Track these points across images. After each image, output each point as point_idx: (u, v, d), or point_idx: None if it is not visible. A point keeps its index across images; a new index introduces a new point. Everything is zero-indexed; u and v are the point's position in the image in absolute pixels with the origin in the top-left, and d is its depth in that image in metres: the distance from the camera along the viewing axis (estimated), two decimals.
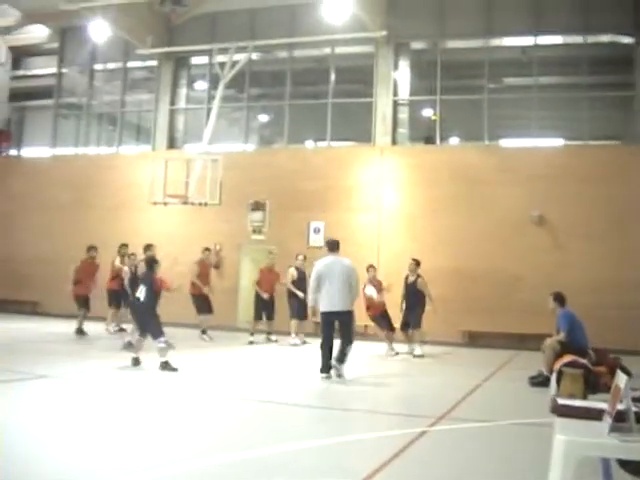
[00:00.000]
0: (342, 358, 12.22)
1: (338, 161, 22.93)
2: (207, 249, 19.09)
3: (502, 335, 20.34)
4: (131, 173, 24.91)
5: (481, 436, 8.32)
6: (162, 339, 12.34)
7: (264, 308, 19.08)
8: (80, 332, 17.80)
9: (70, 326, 18.29)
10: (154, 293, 12.79)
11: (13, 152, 29.34)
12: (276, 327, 19.20)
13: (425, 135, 23.58)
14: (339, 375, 12.11)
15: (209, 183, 19.62)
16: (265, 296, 18.79)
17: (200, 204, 20.08)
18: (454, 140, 24.38)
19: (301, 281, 18.24)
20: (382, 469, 6.33)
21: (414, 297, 16.89)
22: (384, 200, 22.21)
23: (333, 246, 12.77)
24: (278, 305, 19.29)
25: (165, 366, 12.21)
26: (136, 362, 12.65)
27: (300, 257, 19.03)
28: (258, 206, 22.44)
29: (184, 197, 20.33)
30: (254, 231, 22.75)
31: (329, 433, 7.93)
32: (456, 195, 21.40)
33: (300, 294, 18.00)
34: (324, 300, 12.11)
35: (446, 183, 21.57)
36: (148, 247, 17.04)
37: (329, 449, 7.15)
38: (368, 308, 16.87)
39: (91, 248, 18.77)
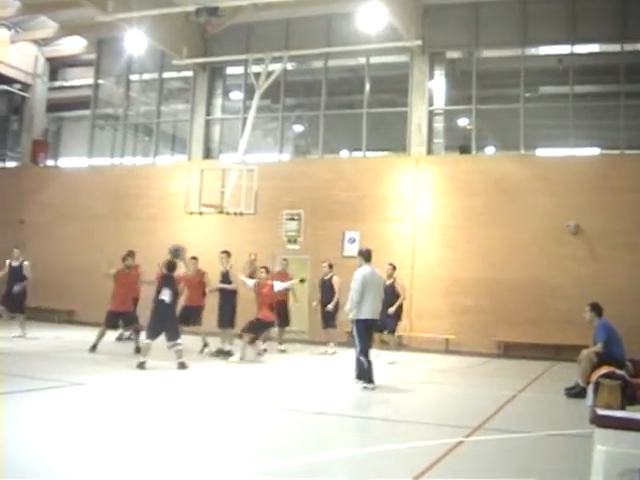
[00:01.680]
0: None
1: (373, 171, 23.11)
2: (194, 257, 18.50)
3: (537, 346, 20.44)
4: (167, 183, 25.27)
5: (518, 447, 8.32)
6: (179, 341, 13.41)
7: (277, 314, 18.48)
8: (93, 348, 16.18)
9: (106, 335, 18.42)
10: (176, 295, 13.77)
11: (50, 163, 29.84)
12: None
13: (460, 145, 23.73)
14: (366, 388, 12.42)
15: (244, 193, 19.80)
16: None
17: (235, 214, 20.25)
18: (490, 150, 24.50)
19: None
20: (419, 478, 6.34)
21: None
22: (419, 210, 22.35)
23: (368, 256, 13.12)
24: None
25: (182, 366, 13.30)
26: (141, 366, 13.38)
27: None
28: (293, 216, 22.60)
29: (220, 207, 20.54)
30: (289, 241, 23.08)
31: (363, 443, 8.06)
32: (491, 205, 21.50)
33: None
34: (366, 308, 12.48)
35: (481, 193, 21.65)
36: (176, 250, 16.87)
37: (363, 459, 7.19)
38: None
39: (127, 256, 17.56)
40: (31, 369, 12.79)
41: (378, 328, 16.27)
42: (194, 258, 17.72)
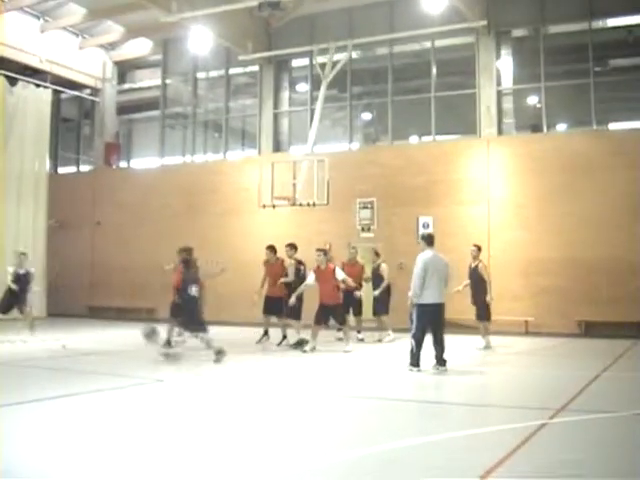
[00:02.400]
0: (442, 355, 12.76)
1: (444, 155, 23.22)
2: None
3: (619, 324, 20.39)
4: (239, 178, 25.77)
5: (605, 428, 8.16)
6: (208, 333, 13.79)
7: (347, 303, 18.54)
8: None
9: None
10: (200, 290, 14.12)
11: (123, 164, 30.56)
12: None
13: (531, 123, 23.62)
14: (442, 370, 12.60)
15: (316, 184, 20.11)
16: (358, 294, 18.44)
17: (308, 205, 20.57)
18: (561, 127, 24.28)
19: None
20: (502, 464, 6.28)
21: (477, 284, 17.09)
22: (492, 192, 22.40)
23: (431, 241, 13.24)
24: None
25: (219, 353, 13.59)
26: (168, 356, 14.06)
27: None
28: (366, 204, 22.83)
29: (292, 199, 20.88)
30: (363, 229, 23.28)
31: (443, 428, 8.01)
32: (566, 183, 21.41)
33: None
34: (430, 293, 12.59)
35: (555, 171, 21.58)
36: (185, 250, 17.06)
37: (444, 444, 7.17)
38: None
39: (181, 251, 16.34)
40: (114, 366, 13.32)
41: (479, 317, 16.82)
42: (270, 247, 18.01)
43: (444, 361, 12.61)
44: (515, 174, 22.42)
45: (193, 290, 13.93)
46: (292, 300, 16.12)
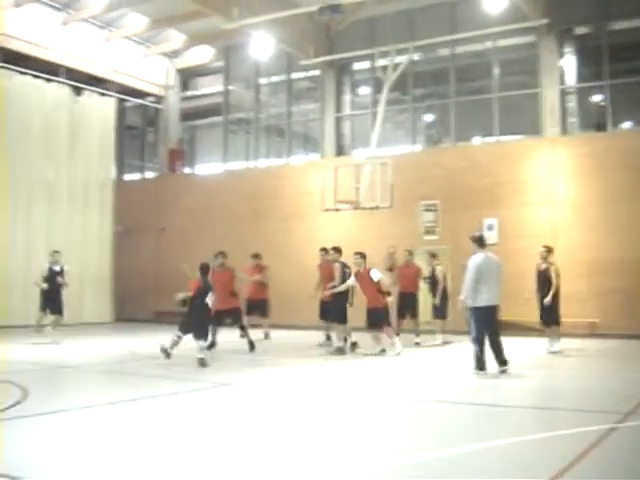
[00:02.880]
0: (502, 355, 12.80)
1: (508, 156, 23.22)
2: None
3: None
4: (302, 182, 26.08)
5: None
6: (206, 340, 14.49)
7: (403, 306, 19.09)
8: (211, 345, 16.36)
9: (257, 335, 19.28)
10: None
11: (187, 170, 31.02)
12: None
13: (595, 122, 23.47)
14: (503, 371, 12.69)
15: (379, 187, 20.29)
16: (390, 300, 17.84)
17: (371, 208, 20.74)
18: (626, 125, 24.06)
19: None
20: (570, 469, 6.25)
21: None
22: (557, 192, 22.36)
23: (482, 242, 13.29)
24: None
25: (202, 362, 13.92)
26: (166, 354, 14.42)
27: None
28: (429, 207, 22.94)
29: (355, 202, 21.09)
30: (427, 232, 23.35)
31: (508, 432, 8.08)
32: (632, 182, 21.30)
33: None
34: (484, 295, 12.61)
35: (620, 170, 21.45)
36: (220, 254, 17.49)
37: (510, 448, 7.18)
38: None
39: (218, 255, 17.57)
40: (181, 371, 13.64)
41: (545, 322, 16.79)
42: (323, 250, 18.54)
43: (505, 361, 12.68)
44: (580, 174, 22.32)
45: (209, 297, 14.35)
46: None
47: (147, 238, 29.27)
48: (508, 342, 13.06)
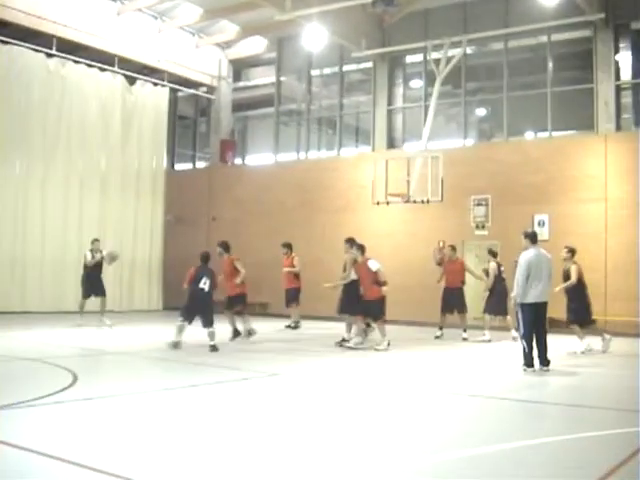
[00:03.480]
0: (546, 355, 12.81)
1: (560, 151, 23.07)
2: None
3: None
4: (353, 175, 26.18)
5: None
6: (214, 326, 14.95)
7: (450, 300, 19.45)
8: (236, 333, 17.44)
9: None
10: (214, 285, 15.23)
11: (238, 161, 31.26)
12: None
13: None
14: (546, 371, 12.70)
15: (430, 180, 20.40)
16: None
17: (422, 202, 20.82)
18: None
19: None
20: (618, 469, 6.23)
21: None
22: (610, 189, 22.18)
23: (535, 238, 13.27)
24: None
25: (213, 348, 14.69)
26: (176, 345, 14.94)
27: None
28: (480, 201, 22.92)
29: (406, 196, 21.18)
30: (477, 227, 23.37)
31: (556, 429, 8.10)
32: None
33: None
34: (534, 291, 12.63)
35: None
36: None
37: (558, 445, 7.19)
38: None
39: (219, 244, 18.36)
40: (226, 359, 13.92)
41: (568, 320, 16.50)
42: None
43: (548, 361, 12.68)
44: (634, 171, 22.09)
45: (205, 283, 14.97)
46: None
47: (198, 228, 29.57)
48: (557, 340, 13.04)
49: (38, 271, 25.39)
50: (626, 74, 23.35)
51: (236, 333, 17.23)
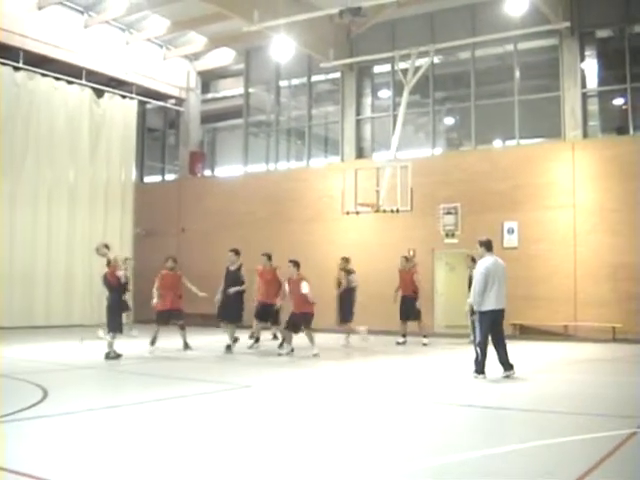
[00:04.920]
0: (508, 359, 12.82)
1: (528, 159, 23.21)
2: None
3: None
4: (322, 185, 26.21)
5: None
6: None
7: (404, 308, 20.05)
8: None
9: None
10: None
11: (207, 172, 31.19)
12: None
13: (617, 126, 23.39)
14: (508, 375, 12.68)
15: (399, 190, 20.32)
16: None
17: (392, 211, 20.76)
18: None
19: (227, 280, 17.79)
20: (591, 473, 6.25)
21: None
22: (578, 196, 22.33)
23: (490, 246, 13.26)
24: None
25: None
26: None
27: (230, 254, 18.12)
28: (450, 210, 22.98)
29: (375, 205, 21.12)
30: (447, 235, 23.40)
31: (528, 436, 7.96)
32: None
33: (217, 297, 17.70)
34: (492, 299, 12.63)
35: None
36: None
37: (531, 452, 7.16)
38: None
39: (167, 259, 18.12)
40: (201, 372, 13.94)
41: None
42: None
43: (511, 365, 12.69)
44: (601, 177, 22.25)
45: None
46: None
47: (168, 240, 29.37)
48: (527, 346, 13.02)
49: (7, 286, 25.07)
50: (592, 82, 23.52)
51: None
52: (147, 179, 32.71)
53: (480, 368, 12.61)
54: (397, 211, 20.81)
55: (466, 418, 9.39)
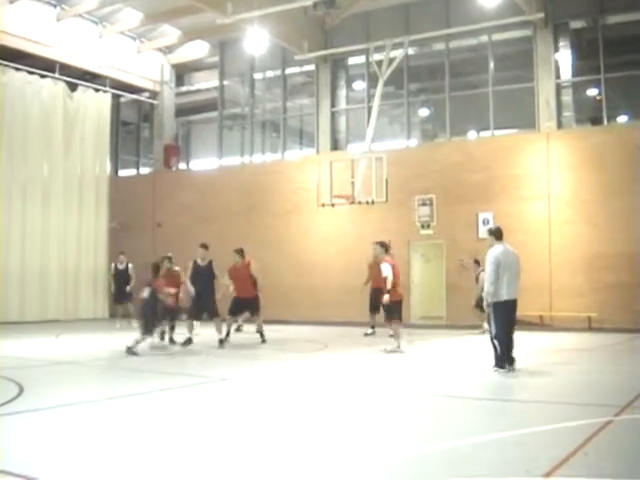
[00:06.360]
0: (511, 353, 12.44)
1: (503, 150, 23.19)
2: None
3: None
4: (298, 177, 26.08)
5: None
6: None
7: (374, 300, 19.74)
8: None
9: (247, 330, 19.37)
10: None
11: (182, 166, 30.99)
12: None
13: (591, 116, 23.44)
14: (511, 369, 12.31)
15: (375, 181, 20.33)
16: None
17: (367, 203, 20.75)
18: (622, 119, 24.03)
19: (198, 276, 17.40)
20: (568, 460, 6.29)
21: None
22: (553, 186, 22.34)
23: (500, 234, 12.60)
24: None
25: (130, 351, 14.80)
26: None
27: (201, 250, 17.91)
28: (425, 201, 22.98)
29: (351, 197, 21.07)
30: (422, 226, 23.42)
31: (508, 425, 7.98)
32: (629, 176, 21.21)
33: (191, 290, 17.19)
34: (504, 289, 12.12)
35: (618, 164, 21.39)
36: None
37: (510, 441, 7.21)
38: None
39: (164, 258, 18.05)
40: (178, 366, 13.85)
41: None
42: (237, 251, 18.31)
43: (513, 359, 12.24)
44: (576, 168, 22.29)
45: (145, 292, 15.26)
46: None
47: (143, 234, 29.16)
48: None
49: None
50: (566, 73, 23.51)
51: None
52: (122, 173, 32.41)
53: (501, 362, 12.12)
54: (372, 203, 20.76)
55: (446, 408, 9.32)
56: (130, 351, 14.59)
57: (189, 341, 16.64)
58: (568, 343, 17.42)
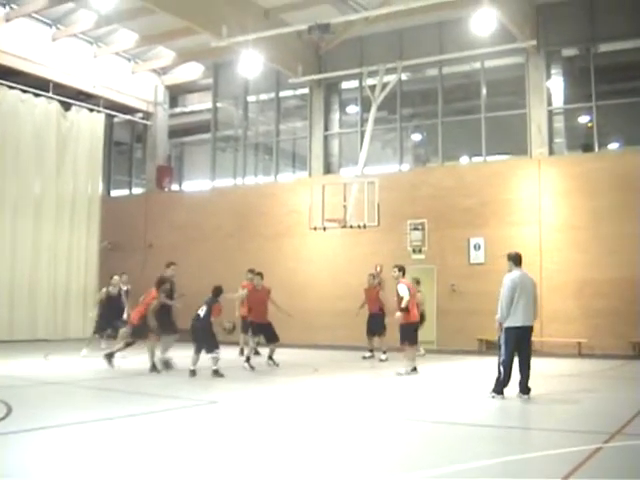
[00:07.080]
0: (527, 382, 12.23)
1: (495, 176, 23.26)
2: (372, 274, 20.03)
3: None
4: (290, 200, 26.08)
5: None
6: (216, 352, 15.12)
7: (371, 325, 20.06)
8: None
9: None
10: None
11: (175, 187, 31.02)
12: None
13: (583, 143, 23.54)
14: (526, 398, 12.10)
15: (367, 205, 20.28)
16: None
17: (359, 227, 20.70)
18: (613, 146, 24.11)
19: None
20: None
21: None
22: (544, 212, 22.39)
23: (519, 260, 12.55)
24: None
25: (216, 373, 14.96)
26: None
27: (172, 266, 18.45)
28: (417, 226, 23.01)
29: (343, 221, 21.03)
30: (414, 251, 23.40)
31: (497, 452, 7.97)
32: (620, 203, 21.27)
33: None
34: (518, 315, 12.01)
35: (609, 190, 21.47)
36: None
37: (499, 469, 7.16)
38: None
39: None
40: (166, 388, 13.67)
41: None
42: (253, 271, 18.80)
43: (528, 389, 12.06)
44: (567, 194, 22.36)
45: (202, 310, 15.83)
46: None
47: (134, 254, 29.08)
48: (493, 362, 12.86)
49: None
50: (558, 100, 23.63)
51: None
52: (114, 193, 32.35)
53: (499, 388, 12.00)
54: (364, 227, 20.73)
55: (434, 434, 9.25)
56: (217, 373, 14.94)
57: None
58: (558, 369, 17.36)
